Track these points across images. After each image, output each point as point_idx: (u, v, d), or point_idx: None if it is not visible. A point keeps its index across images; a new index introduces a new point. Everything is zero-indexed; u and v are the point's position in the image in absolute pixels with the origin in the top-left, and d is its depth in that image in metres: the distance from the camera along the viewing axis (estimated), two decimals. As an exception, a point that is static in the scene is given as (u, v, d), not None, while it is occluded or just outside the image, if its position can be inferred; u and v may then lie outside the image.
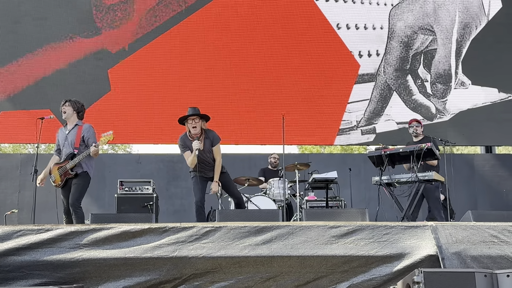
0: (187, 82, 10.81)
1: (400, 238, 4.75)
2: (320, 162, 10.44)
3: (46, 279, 4.48)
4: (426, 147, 6.80)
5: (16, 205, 10.19)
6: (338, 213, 6.19)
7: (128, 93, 10.70)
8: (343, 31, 11.23)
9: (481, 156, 11.94)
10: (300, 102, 10.91)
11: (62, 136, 7.04)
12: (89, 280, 4.54)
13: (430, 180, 6.94)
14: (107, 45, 10.77)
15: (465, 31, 11.35)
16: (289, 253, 4.65)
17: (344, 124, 11.01)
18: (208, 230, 4.75)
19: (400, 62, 11.22)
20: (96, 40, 10.76)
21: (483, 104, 11.21)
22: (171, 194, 10.83)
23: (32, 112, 10.05)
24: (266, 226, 4.80)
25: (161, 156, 11.30)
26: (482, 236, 4.73)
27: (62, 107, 7.05)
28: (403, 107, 11.10)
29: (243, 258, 4.63)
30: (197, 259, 4.60)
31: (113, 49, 10.78)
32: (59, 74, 10.61)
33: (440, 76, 11.22)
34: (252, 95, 10.88)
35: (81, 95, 10.35)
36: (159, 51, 10.85)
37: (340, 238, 4.75)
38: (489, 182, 11.28)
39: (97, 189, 10.45)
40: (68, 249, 4.60)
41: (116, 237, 4.69)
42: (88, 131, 6.99)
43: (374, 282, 4.62)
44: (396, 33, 11.27)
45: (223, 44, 10.98)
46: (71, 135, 6.96)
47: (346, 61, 11.17)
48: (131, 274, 4.58)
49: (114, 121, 10.52)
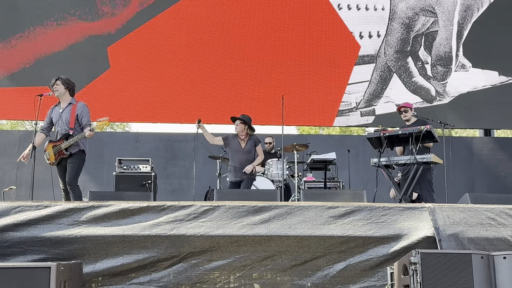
0: (187, 61, 10.75)
1: (397, 220, 4.77)
2: (318, 143, 10.44)
3: (44, 255, 4.50)
4: (425, 129, 6.78)
5: (14, 182, 10.19)
6: (336, 194, 6.21)
7: (128, 71, 10.65)
8: (344, 12, 11.15)
9: (480, 139, 11.94)
10: (300, 83, 10.87)
11: (56, 114, 7.01)
12: (87, 257, 4.56)
13: (429, 162, 6.93)
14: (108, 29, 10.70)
15: (467, 13, 11.28)
16: (287, 233, 4.67)
17: (344, 106, 10.99)
18: (207, 209, 4.76)
19: (400, 44, 11.16)
20: (96, 24, 10.68)
21: (483, 87, 11.18)
22: (170, 173, 10.84)
23: (30, 89, 10.01)
24: (264, 205, 4.81)
25: (159, 135, 11.28)
26: (479, 218, 4.75)
27: (53, 86, 7.00)
28: (403, 89, 11.07)
29: (241, 237, 4.65)
30: (195, 237, 4.62)
31: (113, 29, 10.72)
32: (58, 53, 10.54)
33: (440, 59, 11.17)
34: (252, 75, 10.84)
35: (80, 73, 10.37)
36: (159, 29, 10.77)
37: (338, 218, 4.77)
38: (487, 165, 11.29)
39: (95, 167, 10.46)
40: (66, 226, 4.61)
41: (115, 214, 4.70)
42: (82, 110, 6.95)
43: (371, 263, 4.65)
44: (398, 14, 11.19)
45: (223, 24, 10.91)
46: (65, 114, 6.94)
47: (346, 42, 11.10)
48: (129, 251, 4.60)
49: (113, 99, 10.50)
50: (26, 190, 9.70)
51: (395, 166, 7.25)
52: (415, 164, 6.88)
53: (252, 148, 8.12)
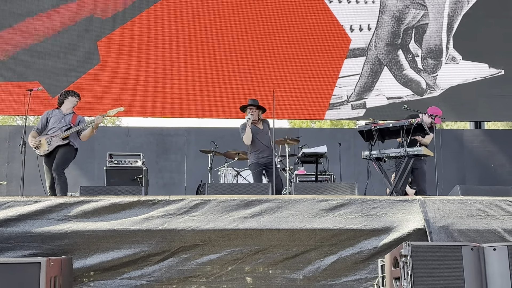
0: (177, 56, 10.71)
1: (388, 212, 4.78)
2: (310, 137, 10.45)
3: (34, 251, 4.48)
4: (416, 122, 6.80)
5: (4, 177, 10.15)
6: (327, 187, 6.21)
7: (118, 65, 10.59)
8: (335, 5, 11.14)
9: (470, 132, 11.98)
10: (291, 77, 10.86)
11: (57, 117, 7.13)
12: (78, 252, 4.55)
13: (419, 155, 6.95)
14: (96, 11, 10.61)
15: (457, 5, 11.29)
16: (278, 226, 4.67)
17: (335, 99, 10.99)
18: (197, 203, 4.76)
19: (391, 37, 11.16)
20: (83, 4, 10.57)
21: (473, 79, 11.21)
22: (161, 167, 10.82)
23: (20, 84, 9.94)
24: (255, 199, 4.81)
25: (150, 129, 11.25)
26: (469, 210, 4.77)
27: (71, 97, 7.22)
28: (394, 82, 11.08)
29: (232, 231, 4.65)
30: (186, 231, 4.62)
31: (103, 15, 10.64)
32: (48, 45, 10.46)
33: (431, 51, 11.18)
34: (242, 69, 10.81)
35: (70, 67, 10.32)
36: (149, 23, 10.72)
37: (329, 211, 4.78)
38: (478, 157, 11.34)
39: (86, 162, 10.41)
40: (56, 221, 4.60)
41: (105, 209, 4.69)
42: (83, 118, 7.30)
43: (362, 255, 4.66)
44: (388, 7, 11.19)
45: (214, 19, 10.86)
46: (68, 117, 7.16)
47: (337, 35, 11.09)
48: (120, 246, 4.59)
49: (104, 93, 10.44)
50: (16, 185, 9.66)
51: (386, 159, 7.27)
52: (406, 157, 6.91)
53: (267, 130, 7.95)
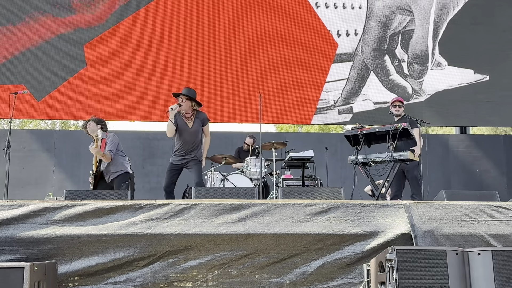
0: (164, 60, 10.70)
1: (374, 217, 4.79)
2: (297, 141, 10.46)
3: (18, 255, 4.43)
4: (402, 127, 6.83)
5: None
6: (313, 192, 6.22)
7: (104, 69, 10.56)
8: (322, 10, 11.19)
9: (456, 137, 12.06)
10: (278, 81, 10.89)
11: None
12: (62, 257, 4.51)
13: (405, 160, 6.99)
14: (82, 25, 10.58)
15: (443, 12, 11.38)
16: (264, 230, 4.67)
17: (321, 104, 11.03)
18: (183, 207, 4.74)
19: (378, 42, 11.23)
20: (70, 20, 10.55)
21: (458, 85, 11.30)
22: (147, 171, 10.77)
23: (5, 87, 9.87)
24: (241, 204, 4.80)
25: (137, 133, 11.20)
26: (454, 215, 4.79)
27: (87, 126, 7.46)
28: (380, 87, 11.14)
29: (218, 236, 4.63)
30: (172, 236, 4.60)
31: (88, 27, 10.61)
32: (34, 50, 10.40)
33: (417, 57, 11.26)
34: (229, 73, 10.82)
35: (56, 70, 10.25)
36: (135, 27, 10.70)
37: (315, 216, 4.78)
38: (463, 162, 11.42)
39: (72, 166, 10.34)
40: (40, 225, 4.55)
41: (90, 213, 4.66)
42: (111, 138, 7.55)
43: (348, 260, 4.67)
44: (374, 12, 11.26)
45: (200, 23, 10.87)
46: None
47: (324, 40, 11.14)
48: (105, 251, 4.56)
49: (90, 97, 10.40)
50: (1, 189, 9.56)
51: (372, 164, 7.29)
52: (392, 161, 6.94)
53: (199, 128, 7.22)
